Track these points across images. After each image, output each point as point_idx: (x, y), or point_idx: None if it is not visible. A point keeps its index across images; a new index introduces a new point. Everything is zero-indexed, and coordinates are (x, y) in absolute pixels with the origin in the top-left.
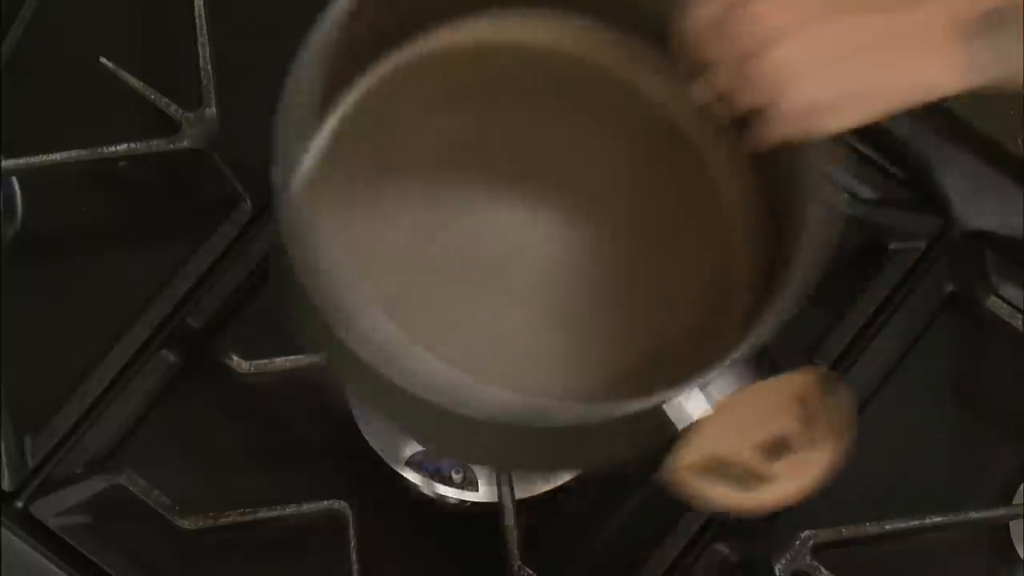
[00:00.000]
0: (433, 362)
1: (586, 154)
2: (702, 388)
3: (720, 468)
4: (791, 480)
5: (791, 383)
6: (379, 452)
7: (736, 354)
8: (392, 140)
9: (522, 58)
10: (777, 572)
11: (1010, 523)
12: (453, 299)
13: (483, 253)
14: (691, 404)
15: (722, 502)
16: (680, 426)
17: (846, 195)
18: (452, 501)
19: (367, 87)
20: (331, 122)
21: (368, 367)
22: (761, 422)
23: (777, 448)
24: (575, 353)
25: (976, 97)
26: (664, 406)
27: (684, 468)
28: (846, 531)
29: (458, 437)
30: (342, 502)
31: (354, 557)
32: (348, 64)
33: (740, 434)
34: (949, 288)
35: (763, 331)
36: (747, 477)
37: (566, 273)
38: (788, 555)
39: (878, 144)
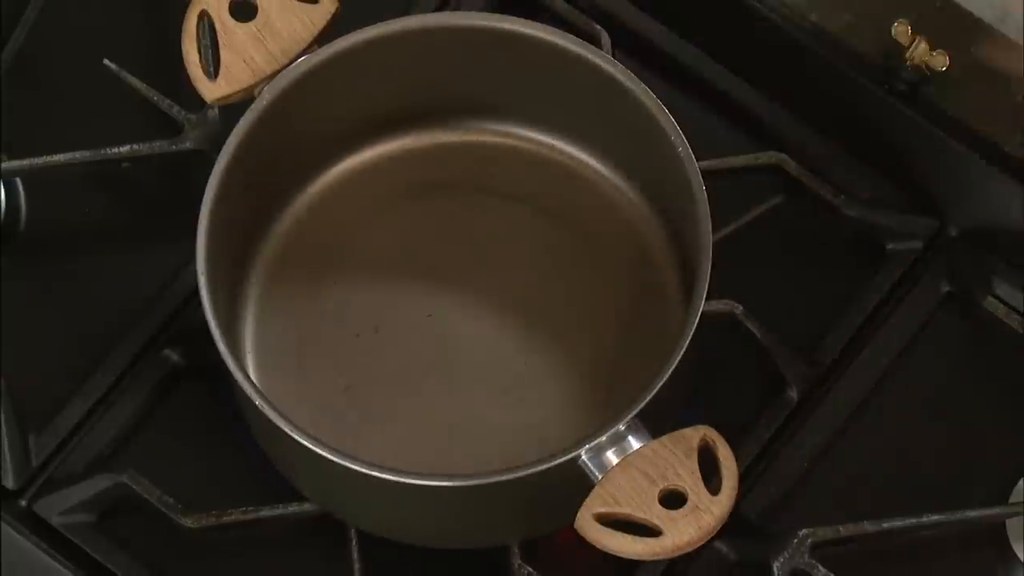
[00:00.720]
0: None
1: (518, 240)
2: (611, 443)
3: (622, 518)
4: (687, 529)
5: (687, 439)
6: None
7: (635, 411)
8: (330, 246)
9: (446, 158)
10: (775, 570)
11: (1006, 521)
12: (395, 388)
13: (420, 343)
14: (603, 457)
15: (623, 550)
16: (594, 479)
17: (843, 197)
18: None
19: (301, 204)
20: (272, 238)
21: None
22: (660, 475)
23: (674, 499)
24: (513, 425)
25: (971, 96)
26: (579, 462)
27: (591, 518)
28: (844, 530)
29: (404, 517)
30: None
31: (355, 556)
32: (266, 198)
33: (642, 486)
34: (946, 288)
35: (648, 395)
36: (646, 527)
37: (502, 354)
38: (786, 553)
39: (875, 146)
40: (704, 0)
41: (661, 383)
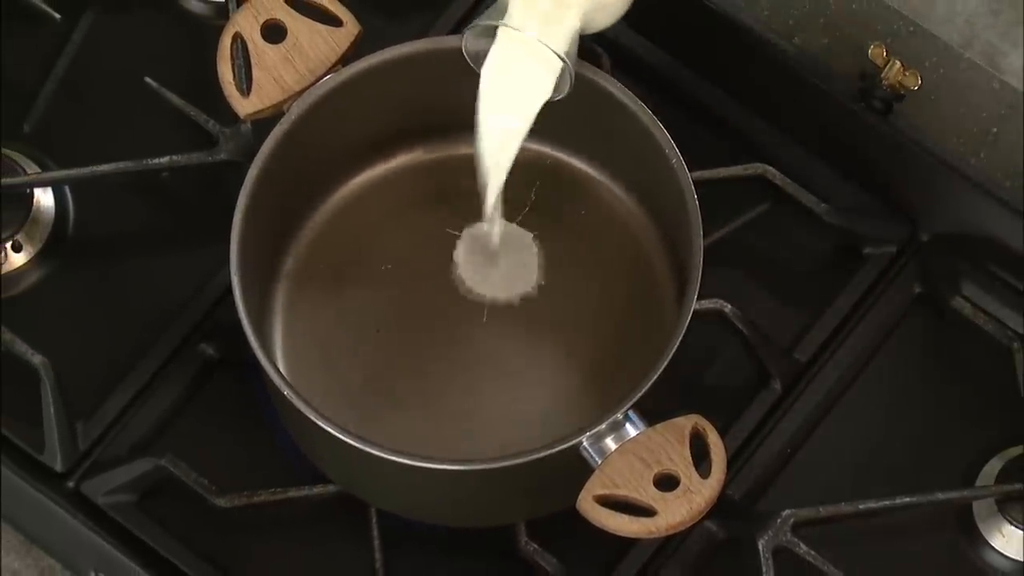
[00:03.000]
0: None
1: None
2: (610, 431)
3: (620, 500)
4: (679, 510)
5: (679, 427)
6: None
7: (632, 402)
8: (351, 249)
9: (458, 168)
10: (760, 548)
11: (973, 503)
12: (412, 380)
13: (434, 339)
14: (602, 444)
15: (621, 529)
16: (594, 464)
17: (823, 205)
18: None
19: (324, 210)
20: (299, 242)
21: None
22: (655, 460)
23: (668, 482)
24: (519, 415)
25: (940, 113)
26: (580, 448)
27: (592, 500)
28: (823, 510)
29: (419, 498)
30: None
31: (375, 533)
32: (296, 204)
33: (638, 470)
34: (918, 289)
35: (644, 387)
36: (642, 508)
37: (510, 350)
38: (770, 532)
39: (852, 158)
40: (697, 24)
41: (656, 376)
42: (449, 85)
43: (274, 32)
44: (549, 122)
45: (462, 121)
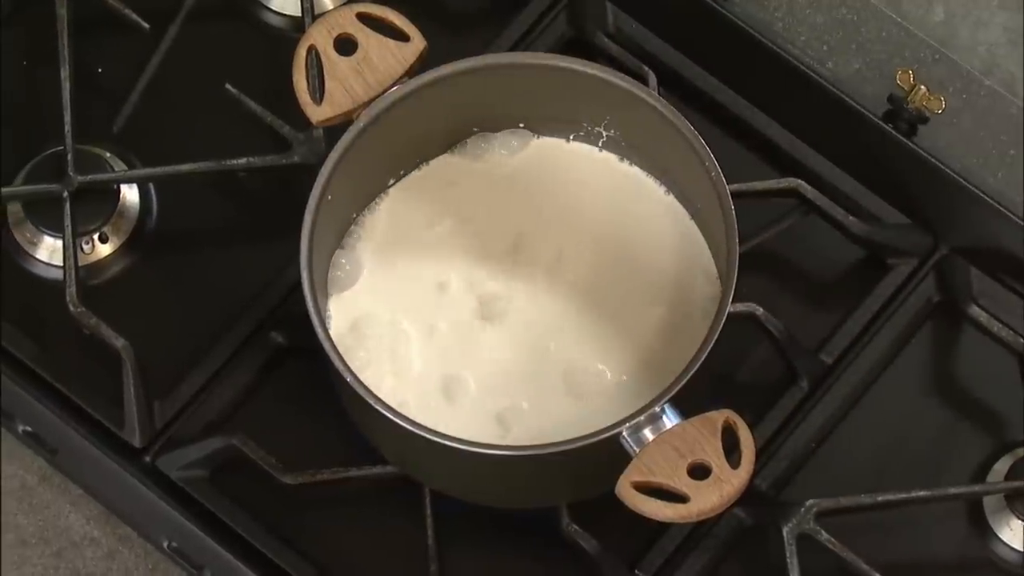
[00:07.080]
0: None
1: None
2: (648, 422)
3: (655, 486)
4: (710, 497)
5: (712, 421)
6: None
7: (669, 396)
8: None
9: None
10: (784, 534)
11: (984, 498)
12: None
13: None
14: (640, 434)
15: (656, 514)
16: (632, 453)
17: (851, 218)
18: None
19: (383, 204)
20: (358, 238)
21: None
22: (689, 450)
23: (700, 471)
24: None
25: (962, 134)
26: (620, 438)
27: (630, 486)
28: (844, 501)
29: (467, 478)
30: None
31: (428, 511)
32: (359, 197)
33: (673, 460)
34: (936, 298)
35: (681, 382)
36: (676, 494)
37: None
38: (794, 520)
39: (879, 175)
40: (737, 48)
41: (692, 373)
42: (502, 95)
43: (346, 45)
44: (603, 130)
45: (508, 120)
